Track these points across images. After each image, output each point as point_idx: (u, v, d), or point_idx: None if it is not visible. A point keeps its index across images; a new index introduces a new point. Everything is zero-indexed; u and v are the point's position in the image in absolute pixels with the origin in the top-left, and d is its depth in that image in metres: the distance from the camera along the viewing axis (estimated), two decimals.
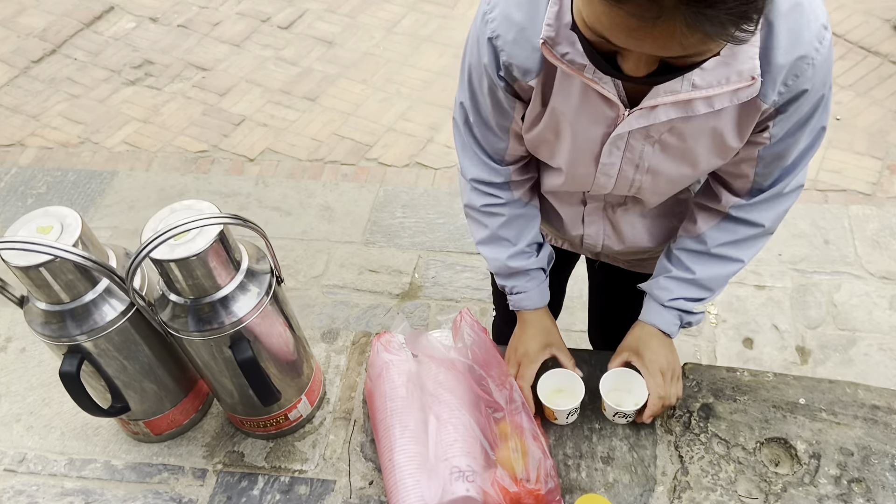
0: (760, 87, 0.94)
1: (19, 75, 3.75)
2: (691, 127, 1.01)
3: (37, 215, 1.10)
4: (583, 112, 1.03)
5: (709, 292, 1.26)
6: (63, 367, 1.12)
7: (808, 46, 0.92)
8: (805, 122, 1.02)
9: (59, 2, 4.14)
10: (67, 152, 3.34)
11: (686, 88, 0.93)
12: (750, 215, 1.16)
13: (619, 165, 1.09)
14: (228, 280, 1.12)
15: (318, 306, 2.66)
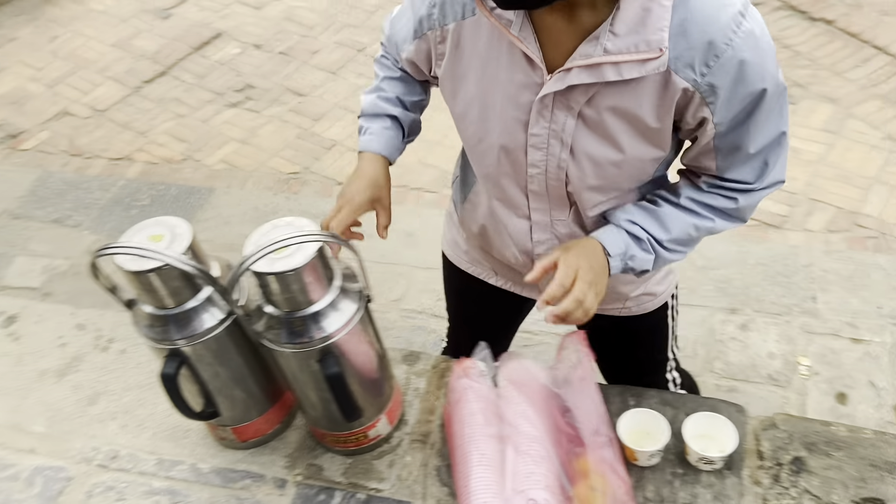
0: (674, 62, 0.98)
1: (131, 94, 3.98)
2: (607, 100, 1.04)
3: (149, 224, 1.17)
4: (508, 77, 1.09)
5: (666, 234, 1.17)
6: (163, 370, 1.18)
7: (723, 31, 0.96)
8: (750, 114, 1.05)
9: (172, 27, 4.39)
10: (171, 168, 3.52)
11: (598, 53, 0.99)
12: (722, 190, 1.16)
13: (547, 140, 1.12)
14: (322, 296, 1.16)
15: (395, 329, 2.69)
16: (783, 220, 2.86)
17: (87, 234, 3.16)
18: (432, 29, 1.15)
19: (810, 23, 3.72)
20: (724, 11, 0.97)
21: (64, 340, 1.62)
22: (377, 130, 1.34)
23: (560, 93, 1.06)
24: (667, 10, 0.96)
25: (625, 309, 1.48)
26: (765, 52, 1.01)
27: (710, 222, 1.18)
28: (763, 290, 2.59)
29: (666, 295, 1.51)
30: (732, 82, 1.00)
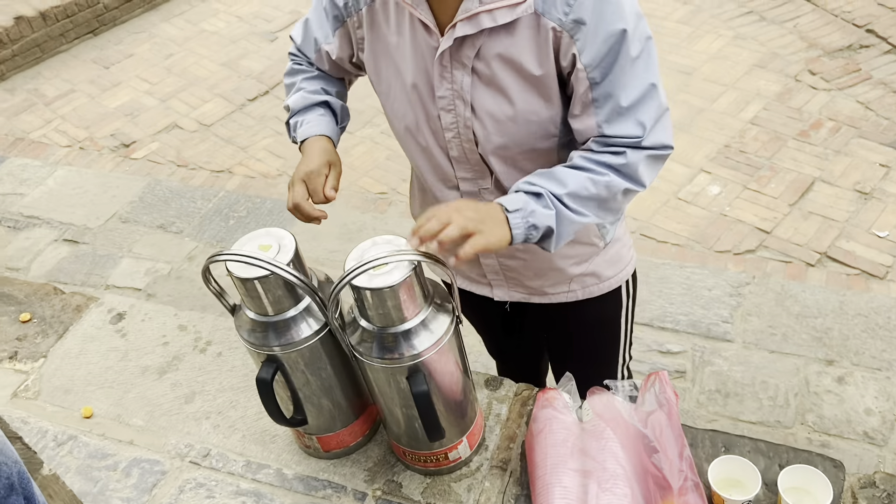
0: (541, 5, 1.09)
1: (235, 111, 4.18)
2: (491, 50, 1.14)
3: (259, 234, 1.23)
4: (413, 47, 1.20)
5: (563, 188, 1.16)
6: (260, 374, 1.23)
7: None
8: (616, 59, 1.11)
9: (277, 49, 4.60)
10: (266, 182, 3.66)
11: (475, 6, 1.10)
12: (610, 147, 1.17)
13: (453, 101, 1.21)
14: (414, 314, 1.18)
15: (474, 353, 2.69)
16: (887, 271, 2.72)
17: (188, 241, 3.32)
18: (350, 16, 1.28)
19: None
20: None
21: (167, 339, 1.71)
22: (313, 119, 1.38)
23: (453, 50, 1.16)
24: None
25: (570, 293, 1.50)
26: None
27: (604, 177, 1.17)
28: (863, 342, 2.46)
29: (616, 280, 1.51)
30: (592, 18, 1.08)
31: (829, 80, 3.62)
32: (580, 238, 1.40)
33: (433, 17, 1.17)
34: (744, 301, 2.66)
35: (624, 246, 1.50)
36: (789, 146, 3.32)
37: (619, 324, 1.61)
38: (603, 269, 1.48)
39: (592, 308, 1.53)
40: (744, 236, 2.96)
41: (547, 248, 1.19)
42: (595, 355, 1.68)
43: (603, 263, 1.47)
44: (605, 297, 1.52)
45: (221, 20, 4.96)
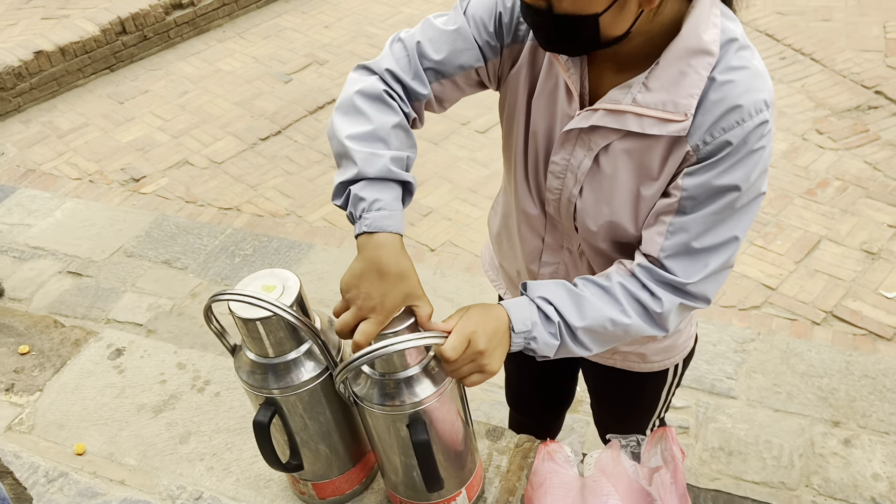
0: (690, 127, 1.00)
1: (247, 149, 4.22)
2: (622, 152, 1.08)
3: (263, 275, 1.22)
4: (549, 101, 1.13)
5: (581, 320, 1.08)
6: (257, 417, 1.21)
7: (744, 108, 0.98)
8: (714, 201, 1.03)
9: (291, 90, 4.67)
10: (274, 221, 3.68)
11: (627, 101, 1.02)
12: (653, 284, 1.10)
13: (565, 171, 1.15)
14: (417, 361, 1.17)
15: (476, 402, 2.66)
16: (895, 333, 2.69)
17: (192, 278, 3.32)
18: (516, 42, 1.16)
19: None
20: (752, 94, 0.99)
21: (164, 377, 1.69)
22: (391, 203, 1.08)
23: (584, 131, 1.10)
24: (702, 78, 0.99)
25: (611, 360, 1.46)
26: (761, 151, 1.02)
27: (627, 318, 1.10)
28: (870, 404, 2.42)
29: (663, 364, 1.46)
30: (722, 158, 1.01)
31: (836, 139, 3.64)
32: None
33: (581, 83, 1.09)
34: (748, 357, 2.63)
35: (682, 336, 1.43)
36: (796, 204, 3.32)
37: (658, 397, 1.56)
38: (652, 354, 1.43)
39: (632, 379, 1.49)
40: (749, 292, 2.94)
41: None
42: (626, 415, 1.64)
43: (654, 349, 1.42)
44: (647, 375, 1.47)
45: (237, 60, 5.05)
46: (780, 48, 4.33)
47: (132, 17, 5.02)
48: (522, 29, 1.14)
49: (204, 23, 5.37)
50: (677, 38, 0.99)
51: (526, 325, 1.08)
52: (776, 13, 4.62)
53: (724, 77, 0.99)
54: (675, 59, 0.99)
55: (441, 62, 1.16)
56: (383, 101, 1.14)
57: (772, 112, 1.01)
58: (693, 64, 0.99)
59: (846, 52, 4.19)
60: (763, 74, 1.01)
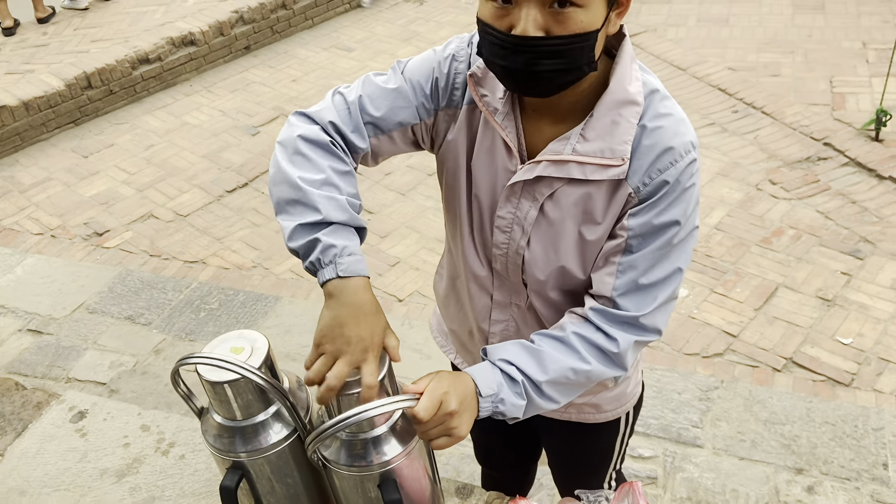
0: (628, 170, 1.09)
1: (213, 202, 4.22)
2: (567, 198, 1.14)
3: (232, 336, 1.22)
4: (489, 160, 1.18)
5: (544, 374, 1.12)
6: (224, 482, 1.20)
7: (676, 149, 1.07)
8: (657, 232, 1.11)
9: (258, 143, 4.69)
10: (241, 274, 3.66)
11: (567, 151, 1.09)
12: (608, 325, 1.16)
13: (511, 224, 1.20)
14: (384, 421, 1.18)
15: (445, 455, 2.65)
16: (852, 378, 2.76)
17: (156, 333, 3.27)
18: (450, 107, 1.21)
19: (878, 180, 3.75)
20: (680, 137, 1.09)
21: (128, 440, 1.66)
22: (357, 248, 1.12)
23: (528, 182, 1.15)
24: (633, 126, 1.08)
25: (565, 413, 1.48)
26: (694, 189, 1.11)
27: (587, 365, 1.15)
28: (831, 451, 2.47)
29: (615, 413, 1.49)
30: (661, 197, 1.09)
31: (789, 189, 3.78)
32: None
33: (522, 144, 1.16)
34: (713, 406, 2.67)
35: (630, 383, 1.48)
36: (753, 252, 3.42)
37: (612, 447, 1.60)
38: (605, 403, 1.47)
39: (586, 431, 1.52)
40: (712, 339, 3.00)
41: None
42: (583, 467, 1.67)
43: (606, 399, 1.46)
44: (597, 425, 1.51)
45: (204, 113, 5.07)
46: (732, 102, 4.50)
47: (98, 72, 5.03)
48: (457, 95, 1.20)
49: (170, 77, 5.40)
50: (607, 92, 1.08)
51: (492, 388, 1.11)
52: (728, 69, 4.82)
53: (654, 124, 1.09)
54: (607, 111, 1.08)
55: (381, 118, 1.20)
56: (329, 150, 1.16)
57: (697, 152, 1.11)
58: (623, 114, 1.08)
59: (795, 106, 4.37)
60: (686, 120, 1.12)
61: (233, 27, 5.61)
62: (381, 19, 6.09)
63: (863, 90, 4.44)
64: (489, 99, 1.15)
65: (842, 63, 4.72)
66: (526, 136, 1.17)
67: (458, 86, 1.19)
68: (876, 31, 4.98)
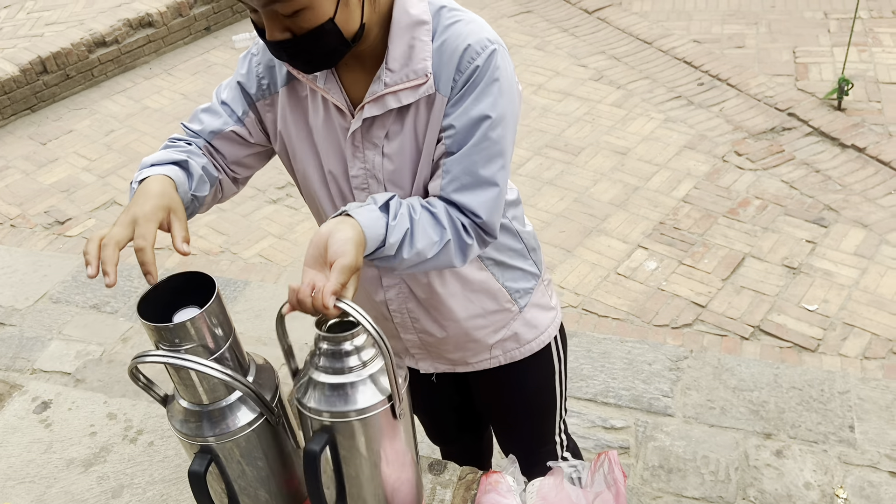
0: (436, 82, 1.16)
1: None
2: (400, 133, 1.20)
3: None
4: (327, 129, 1.24)
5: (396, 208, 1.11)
6: (192, 466, 1.18)
7: (472, 46, 1.14)
8: (471, 128, 1.15)
9: None
10: (208, 259, 3.61)
11: (380, 89, 1.16)
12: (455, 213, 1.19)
13: (367, 179, 1.25)
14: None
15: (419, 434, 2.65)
16: (818, 344, 2.82)
17: (123, 322, 3.22)
18: (263, 98, 1.29)
19: (841, 149, 3.80)
20: (476, 36, 1.15)
21: (94, 429, 1.63)
22: (160, 168, 1.18)
23: (364, 131, 1.22)
24: (427, 43, 1.16)
25: (493, 359, 1.52)
26: (500, 81, 1.15)
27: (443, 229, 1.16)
28: (798, 415, 2.52)
29: (538, 343, 1.53)
30: (467, 91, 1.15)
31: (754, 160, 3.82)
32: (492, 305, 1.43)
33: (347, 99, 1.22)
34: (683, 375, 2.71)
35: (542, 309, 1.52)
36: (720, 223, 3.46)
37: (552, 385, 1.62)
38: (523, 332, 1.50)
39: (521, 371, 1.55)
40: (681, 311, 3.03)
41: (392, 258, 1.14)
42: (527, 415, 1.68)
43: (522, 328, 1.49)
44: (531, 359, 1.54)
45: (165, 97, 4.97)
46: (697, 74, 4.52)
47: (53, 56, 4.89)
48: (265, 83, 1.28)
49: (129, 60, 5.28)
50: (392, 22, 1.16)
51: (379, 225, 1.09)
52: (693, 41, 4.83)
53: (446, 34, 1.16)
54: (399, 38, 1.16)
55: (198, 132, 1.32)
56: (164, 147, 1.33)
57: (499, 46, 1.16)
58: (415, 35, 1.16)
59: (759, 77, 4.40)
60: (477, 21, 1.18)
61: (192, 7, 5.48)
62: None
63: (825, 60, 4.49)
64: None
65: (804, 33, 4.76)
66: (349, 92, 1.23)
67: (263, 74, 1.27)
68: (837, 2, 5.03)
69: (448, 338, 1.46)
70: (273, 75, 1.27)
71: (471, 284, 1.39)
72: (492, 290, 1.42)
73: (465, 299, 1.40)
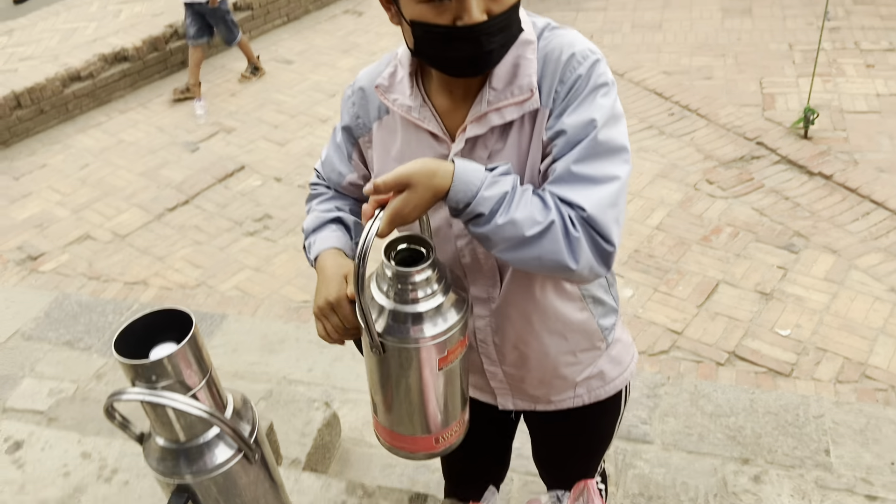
0: (541, 98, 1.14)
1: (153, 221, 4.13)
2: (503, 152, 1.18)
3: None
4: (425, 156, 1.19)
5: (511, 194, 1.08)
6: None
7: (575, 55, 1.14)
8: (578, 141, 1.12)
9: (199, 159, 4.61)
10: (184, 293, 3.58)
11: (483, 108, 1.15)
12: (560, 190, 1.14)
13: None
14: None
15: (400, 466, 2.63)
16: (792, 369, 2.86)
17: (97, 358, 3.17)
18: (361, 137, 1.32)
19: (808, 177, 3.89)
20: (578, 47, 1.15)
21: (68, 469, 1.61)
22: (325, 235, 1.32)
23: (465, 153, 1.19)
24: (532, 61, 1.15)
25: (577, 398, 1.45)
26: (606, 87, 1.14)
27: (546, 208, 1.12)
28: (775, 440, 2.54)
29: (622, 381, 1.48)
30: (572, 97, 1.14)
31: (725, 188, 3.89)
32: (585, 343, 1.38)
33: (443, 126, 1.21)
34: (660, 402, 2.72)
35: (625, 345, 1.48)
36: (693, 250, 3.51)
37: (613, 425, 1.58)
38: (608, 370, 1.45)
39: (594, 412, 1.50)
40: (657, 337, 3.06)
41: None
42: (588, 454, 1.64)
43: (607, 365, 1.44)
44: (608, 400, 1.49)
45: (141, 130, 4.96)
46: (668, 105, 4.62)
47: (27, 91, 4.88)
48: (361, 121, 1.31)
49: (104, 94, 5.27)
50: None
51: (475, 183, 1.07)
52: (663, 73, 4.95)
53: (547, 48, 1.16)
54: (505, 57, 1.15)
55: (327, 178, 1.41)
56: (309, 199, 1.45)
57: (601, 57, 1.15)
58: (520, 54, 1.15)
59: (728, 108, 4.51)
60: (580, 36, 1.18)
61: (167, 42, 5.51)
62: (320, 31, 6.07)
63: (791, 90, 4.61)
64: (401, 100, 1.21)
65: (770, 64, 4.89)
66: (443, 119, 1.22)
67: (359, 113, 1.31)
68: (801, 33, 5.19)
69: (535, 373, 1.40)
70: (367, 112, 1.29)
71: (570, 324, 1.34)
72: (589, 330, 1.37)
73: (560, 336, 1.35)
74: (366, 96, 1.30)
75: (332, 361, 3.04)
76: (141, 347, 1.18)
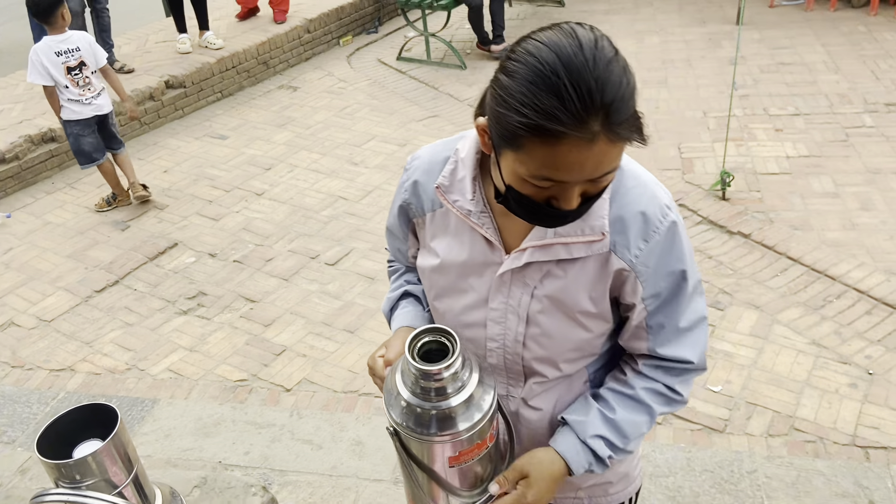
0: (613, 244, 1.15)
1: (80, 304, 4.00)
2: (558, 280, 1.19)
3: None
4: (470, 256, 1.24)
5: (624, 441, 1.27)
6: None
7: (652, 219, 1.15)
8: (675, 294, 1.20)
9: (129, 238, 4.53)
10: (114, 378, 3.46)
11: (550, 236, 1.15)
12: (662, 370, 1.28)
13: (505, 314, 1.24)
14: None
15: None
16: (725, 425, 2.93)
17: (21, 452, 3.01)
18: (415, 217, 1.32)
19: (729, 236, 4.07)
20: (654, 203, 1.17)
21: None
22: (399, 315, 1.43)
23: (517, 270, 1.20)
24: (605, 201, 1.14)
25: (577, 500, 1.48)
26: (684, 241, 1.20)
27: (655, 416, 1.28)
28: (712, 498, 2.59)
29: (623, 495, 1.51)
30: (659, 260, 1.17)
31: None
32: None
33: (499, 236, 1.21)
34: None
35: (634, 461, 1.52)
36: None
37: None
38: (615, 482, 1.48)
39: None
40: None
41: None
42: None
43: (613, 477, 1.47)
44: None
45: (68, 211, 4.86)
46: None
47: None
48: (413, 207, 1.32)
49: (30, 176, 5.16)
50: None
51: (583, 467, 1.26)
52: None
53: (626, 197, 1.16)
54: None
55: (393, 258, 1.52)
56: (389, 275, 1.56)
57: (674, 211, 1.19)
58: None
59: (652, 172, 4.70)
60: (654, 183, 1.20)
61: None
62: (255, 106, 6.12)
63: (707, 154, 4.86)
64: (461, 203, 1.20)
65: (687, 131, 5.16)
66: (501, 230, 1.22)
67: (411, 200, 1.31)
68: (713, 101, 5.51)
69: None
70: (420, 203, 1.30)
71: None
72: None
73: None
74: (420, 188, 1.29)
75: (270, 443, 2.96)
76: (65, 445, 1.15)
